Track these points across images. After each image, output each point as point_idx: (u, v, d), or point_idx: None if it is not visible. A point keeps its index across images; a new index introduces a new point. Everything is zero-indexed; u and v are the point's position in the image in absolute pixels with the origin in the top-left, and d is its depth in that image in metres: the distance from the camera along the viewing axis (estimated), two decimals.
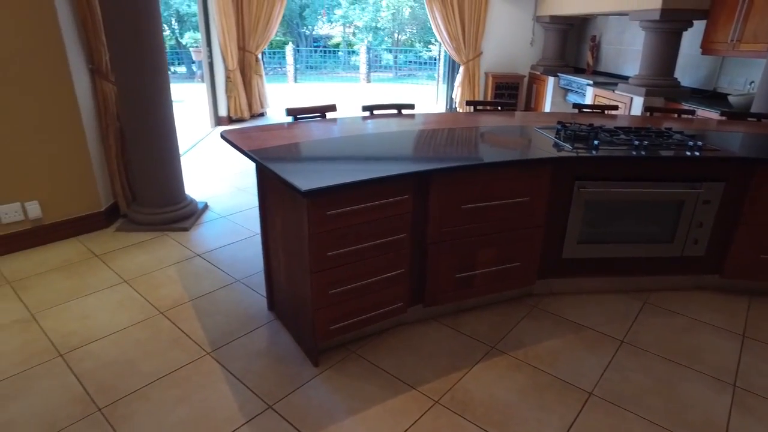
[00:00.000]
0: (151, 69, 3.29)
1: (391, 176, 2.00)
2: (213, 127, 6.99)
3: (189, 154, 5.60)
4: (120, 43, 3.20)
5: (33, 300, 2.71)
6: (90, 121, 3.40)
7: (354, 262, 2.08)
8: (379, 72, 17.93)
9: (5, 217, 3.12)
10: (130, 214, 3.63)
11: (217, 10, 6.50)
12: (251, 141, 2.43)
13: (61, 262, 3.12)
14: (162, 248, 3.30)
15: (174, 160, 3.58)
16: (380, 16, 21.05)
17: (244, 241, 3.41)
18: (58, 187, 3.31)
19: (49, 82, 3.12)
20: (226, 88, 7.00)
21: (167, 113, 3.46)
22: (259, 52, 7.35)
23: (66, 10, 3.15)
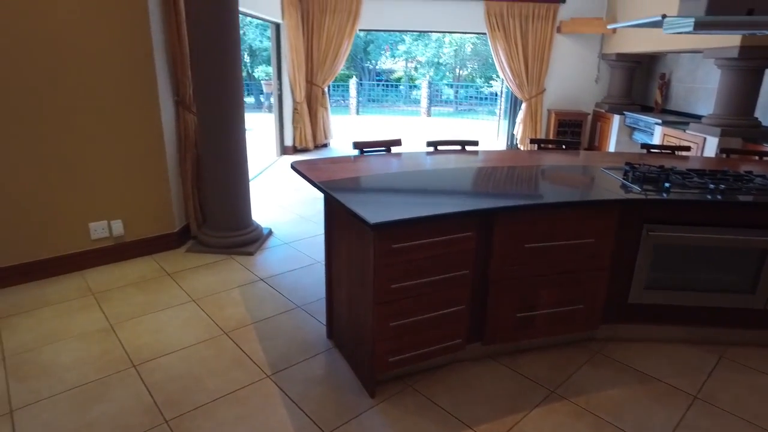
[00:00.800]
0: (229, 102, 3.53)
1: (457, 213, 2.03)
2: (278, 155, 7.31)
3: (255, 181, 5.87)
4: (203, 78, 3.46)
5: (112, 311, 2.91)
6: (171, 148, 3.67)
7: (416, 295, 2.10)
8: (440, 106, 18.17)
9: (94, 233, 3.40)
10: (200, 236, 3.84)
11: (289, 46, 6.88)
12: (320, 172, 2.54)
13: (137, 277, 3.34)
14: (228, 271, 3.46)
15: (243, 187, 3.78)
16: (443, 52, 21.46)
17: (305, 269, 3.52)
18: (139, 207, 3.57)
19: (141, 113, 3.42)
20: (293, 119, 7.33)
21: (240, 143, 3.68)
22: (325, 85, 7.67)
23: (160, 48, 3.47)
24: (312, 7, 7.34)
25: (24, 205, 3.13)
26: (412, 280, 2.06)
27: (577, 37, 7.53)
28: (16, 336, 2.66)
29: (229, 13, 3.43)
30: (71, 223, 3.32)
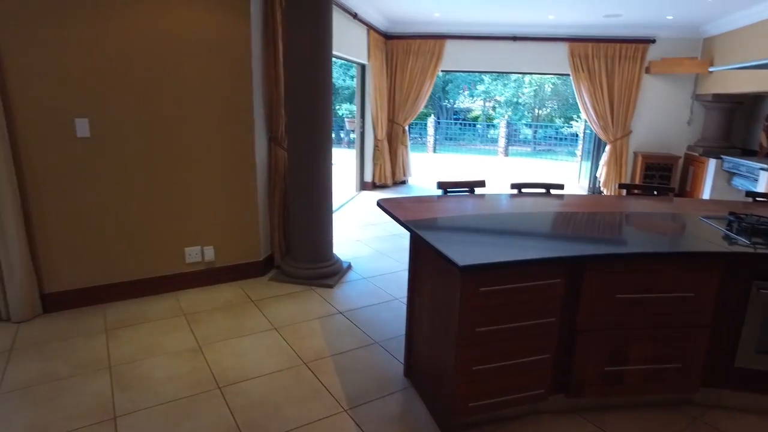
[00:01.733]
0: (318, 140, 3.72)
1: (545, 259, 1.99)
2: (358, 191, 7.52)
3: (335, 215, 6.06)
4: (296, 116, 3.69)
5: (201, 333, 3.08)
6: (262, 181, 3.91)
7: (500, 340, 2.06)
8: (517, 146, 17.96)
9: (189, 257, 3.65)
10: (283, 266, 4.00)
11: (374, 86, 7.16)
12: (406, 211, 2.59)
13: (224, 302, 3.53)
14: (308, 302, 3.56)
15: (327, 221, 3.92)
16: (522, 92, 21.35)
17: (384, 304, 3.55)
18: (229, 235, 3.80)
19: (238, 148, 3.69)
20: (374, 156, 7.55)
21: (326, 179, 3.85)
22: (406, 124, 7.87)
23: (259, 89, 3.76)
24: (396, 49, 7.63)
25: (132, 228, 3.45)
26: (497, 325, 2.02)
27: (667, 77, 7.23)
28: (120, 347, 2.89)
29: (324, 57, 3.66)
30: (170, 246, 3.60)
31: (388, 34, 7.58)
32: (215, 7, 3.42)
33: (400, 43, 7.63)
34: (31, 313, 3.22)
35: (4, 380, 2.57)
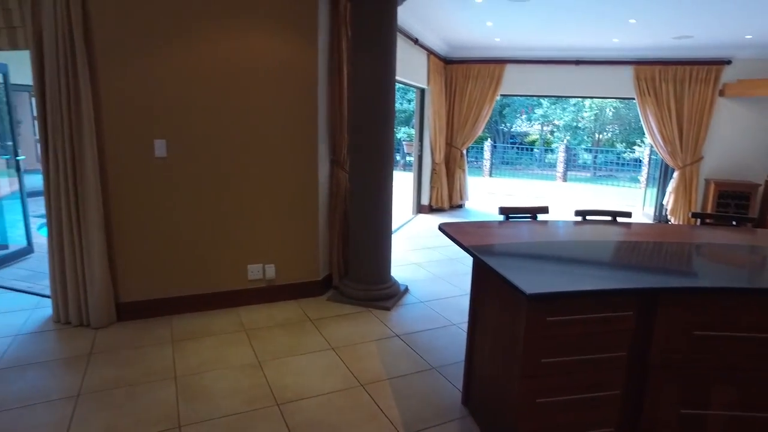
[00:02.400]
0: (380, 163, 3.78)
1: (616, 290, 1.90)
2: (414, 214, 7.54)
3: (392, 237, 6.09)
4: (359, 140, 3.77)
5: (261, 349, 3.16)
6: (323, 202, 4.00)
7: (566, 373, 1.98)
8: (576, 171, 17.46)
9: (251, 274, 3.77)
10: (341, 286, 4.05)
11: (433, 110, 7.22)
12: (469, 236, 2.57)
13: (283, 320, 3.60)
14: (366, 323, 3.58)
15: (386, 243, 3.95)
16: (582, 116, 20.83)
17: (441, 329, 3.51)
18: (290, 254, 3.89)
19: (302, 170, 3.81)
20: (431, 179, 7.56)
21: (387, 202, 3.89)
22: (464, 148, 7.86)
23: (323, 114, 3.88)
24: (456, 74, 7.68)
25: (200, 244, 3.61)
26: (563, 356, 1.95)
27: (744, 100, 6.84)
28: (185, 359, 3.00)
29: (388, 82, 3.74)
30: (234, 263, 3.73)
31: (448, 59, 7.65)
32: (286, 35, 3.59)
33: (460, 67, 7.67)
34: (107, 321, 3.42)
35: (84, 382, 2.73)
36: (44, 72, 3.17)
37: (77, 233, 3.29)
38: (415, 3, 4.20)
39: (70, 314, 3.41)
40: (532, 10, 5.08)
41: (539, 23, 5.70)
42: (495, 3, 4.92)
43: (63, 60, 3.09)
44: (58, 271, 3.39)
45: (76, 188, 3.24)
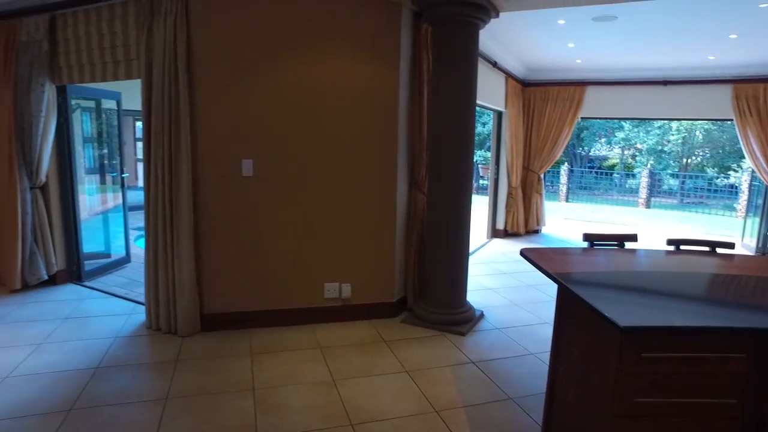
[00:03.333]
0: (458, 186, 3.75)
1: (725, 328, 1.74)
2: (489, 238, 7.39)
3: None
4: (437, 163, 3.77)
5: (335, 367, 3.19)
6: (401, 224, 4.03)
7: (664, 416, 1.82)
8: (661, 197, 16.41)
9: (327, 293, 3.85)
10: (415, 308, 4.02)
11: (510, 133, 7.10)
12: (552, 263, 2.47)
13: (357, 339, 3.62)
14: (440, 347, 3.52)
15: (462, 267, 3.89)
16: (667, 139, 19.64)
17: (518, 359, 3.38)
18: (366, 275, 3.93)
19: (380, 192, 3.87)
20: (507, 203, 7.41)
21: (465, 226, 3.85)
22: (542, 172, 7.64)
23: (403, 136, 3.93)
24: (534, 96, 7.53)
25: (280, 261, 3.74)
26: (661, 397, 1.80)
27: None
28: (263, 372, 3.09)
29: (468, 105, 3.74)
30: (311, 281, 3.82)
31: (526, 81, 7.53)
32: (369, 59, 3.69)
33: (538, 90, 7.52)
34: (193, 330, 3.61)
35: (171, 387, 2.89)
36: (151, 99, 3.47)
37: (170, 246, 3.53)
38: (494, 26, 4.19)
39: (161, 322, 3.64)
40: (618, 29, 4.91)
41: (625, 43, 5.49)
42: (578, 24, 4.81)
43: (167, 88, 3.37)
44: (152, 280, 3.64)
45: (171, 204, 3.48)
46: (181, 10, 3.32)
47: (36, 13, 4.09)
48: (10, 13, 4.21)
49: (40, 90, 4.18)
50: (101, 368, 3.10)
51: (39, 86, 4.18)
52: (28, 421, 2.55)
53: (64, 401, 2.73)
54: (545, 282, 5.16)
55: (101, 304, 4.20)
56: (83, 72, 4.10)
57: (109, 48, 3.87)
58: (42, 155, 4.36)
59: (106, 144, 5.61)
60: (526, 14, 4.34)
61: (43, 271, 4.53)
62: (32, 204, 4.43)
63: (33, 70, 4.16)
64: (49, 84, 4.24)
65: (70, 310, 4.03)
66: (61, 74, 4.25)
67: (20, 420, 2.56)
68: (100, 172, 5.59)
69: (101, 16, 3.85)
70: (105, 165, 5.59)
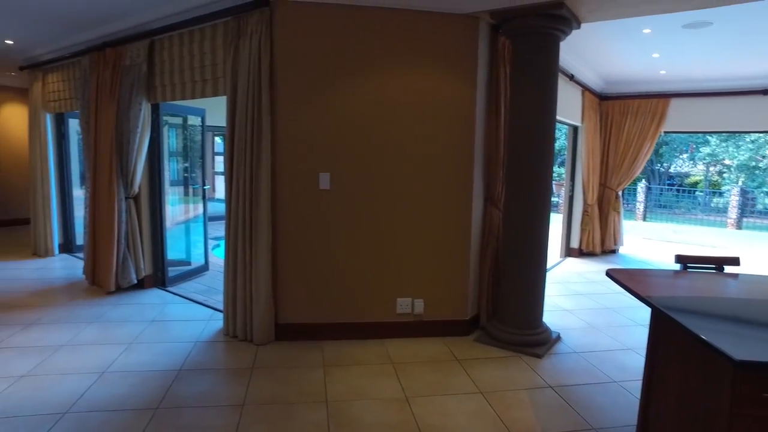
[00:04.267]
0: (537, 203, 3.63)
1: None
2: (562, 257, 7.10)
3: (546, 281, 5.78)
4: (515, 179, 3.67)
5: (408, 384, 3.14)
6: (475, 240, 3.94)
7: None
8: (754, 217, 15.10)
9: (399, 308, 3.82)
10: (488, 327, 3.91)
11: (586, 149, 6.82)
12: (643, 285, 2.31)
13: (429, 356, 3.56)
14: (515, 369, 3.38)
15: (539, 286, 3.74)
16: (762, 155, 18.10)
17: (600, 386, 3.18)
18: (439, 291, 3.87)
19: (456, 207, 3.81)
20: (582, 222, 7.09)
21: (542, 244, 3.71)
22: (620, 189, 7.27)
23: (479, 151, 3.87)
24: (612, 110, 7.21)
25: (353, 274, 3.77)
26: None
27: None
28: (335, 385, 3.11)
29: (547, 120, 3.62)
30: (384, 295, 3.82)
31: (603, 95, 7.22)
32: (446, 73, 3.68)
33: (616, 103, 7.19)
34: (268, 339, 3.70)
35: (247, 393, 2.96)
36: (235, 113, 3.63)
37: (249, 257, 3.65)
38: (573, 37, 4.03)
39: (237, 329, 3.76)
40: (713, 36, 4.59)
41: (720, 50, 5.12)
42: (666, 32, 4.55)
43: (250, 103, 3.52)
44: (230, 289, 3.78)
45: (251, 215, 3.61)
46: (265, 30, 3.47)
47: (138, 40, 4.45)
48: (119, 40, 4.62)
49: (137, 108, 4.52)
50: (183, 371, 3.24)
51: (137, 105, 4.51)
52: (122, 415, 2.71)
53: (152, 399, 2.87)
54: (626, 305, 4.86)
55: (183, 309, 4.42)
56: (175, 90, 4.38)
57: (199, 68, 4.11)
58: (136, 168, 4.68)
59: (189, 158, 5.96)
60: (607, 24, 4.17)
61: (133, 276, 4.85)
62: (126, 213, 4.76)
63: (133, 90, 4.50)
64: (145, 102, 4.57)
65: (156, 314, 4.27)
66: (156, 93, 4.57)
67: (116, 413, 2.73)
68: (184, 184, 5.94)
69: (193, 39, 4.11)
70: (187, 177, 5.93)
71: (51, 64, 5.90)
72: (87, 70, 5.00)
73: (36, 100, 6.23)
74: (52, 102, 6.11)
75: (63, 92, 5.87)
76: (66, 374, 3.15)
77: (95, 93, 4.85)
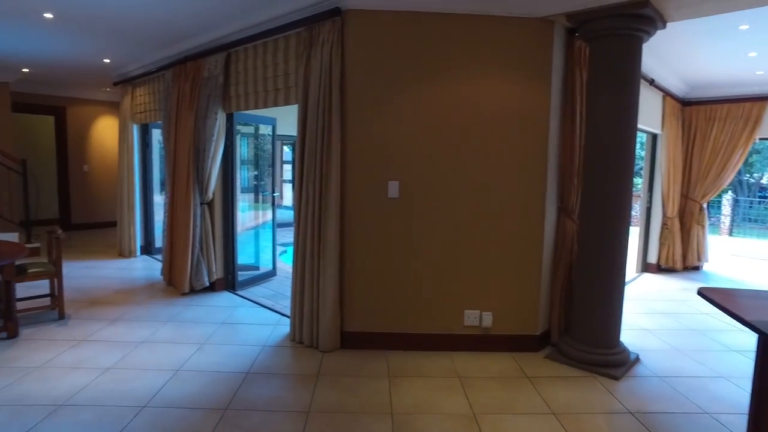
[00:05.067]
0: (615, 214, 3.42)
1: None
2: (638, 272, 6.68)
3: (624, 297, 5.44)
4: (592, 188, 3.47)
5: (475, 400, 3.03)
6: (547, 253, 3.77)
7: None
8: None
9: (467, 320, 3.72)
10: (560, 344, 3.71)
11: (666, 158, 6.40)
12: (745, 308, 2.09)
13: (497, 372, 3.42)
14: (590, 390, 3.18)
15: (617, 303, 3.51)
16: None
17: (688, 417, 2.90)
18: (508, 304, 3.73)
19: (527, 217, 3.67)
20: (661, 235, 6.64)
21: (621, 258, 3.48)
22: (705, 201, 6.75)
23: (553, 159, 3.70)
24: (696, 116, 6.73)
25: (419, 284, 3.70)
26: None
27: None
28: (400, 397, 3.05)
29: (628, 127, 3.41)
30: (450, 307, 3.72)
31: (686, 100, 6.75)
32: (519, 78, 3.56)
33: (701, 108, 6.69)
34: (333, 346, 3.70)
35: (313, 401, 2.97)
36: (306, 121, 3.70)
37: (317, 262, 3.68)
38: (654, 39, 3.76)
39: (304, 335, 3.79)
40: None
41: None
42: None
43: (321, 112, 3.57)
44: (298, 295, 3.82)
45: (320, 223, 3.65)
46: (337, 39, 3.51)
47: (216, 52, 4.66)
48: (199, 54, 4.88)
49: (213, 118, 4.72)
50: (251, 374, 3.30)
51: (213, 114, 4.72)
52: (194, 414, 2.80)
53: (222, 400, 2.94)
54: (714, 327, 4.47)
55: (251, 313, 4.54)
56: (248, 100, 4.55)
57: (272, 77, 4.24)
58: (211, 175, 4.89)
59: (259, 166, 6.16)
60: (695, 23, 3.88)
61: (206, 279, 5.05)
62: (201, 218, 4.98)
63: (210, 100, 4.72)
64: (221, 112, 4.77)
65: (226, 316, 4.41)
66: (231, 103, 4.76)
67: (189, 411, 2.82)
68: (254, 191, 6.14)
69: (266, 50, 4.25)
70: (258, 185, 6.13)
71: (139, 78, 6.32)
72: (170, 82, 5.31)
73: (125, 112, 6.70)
74: (138, 113, 6.55)
75: (148, 104, 6.28)
76: (145, 370, 3.31)
77: (176, 104, 5.13)
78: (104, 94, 8.79)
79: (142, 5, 4.10)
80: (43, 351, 3.57)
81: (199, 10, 4.15)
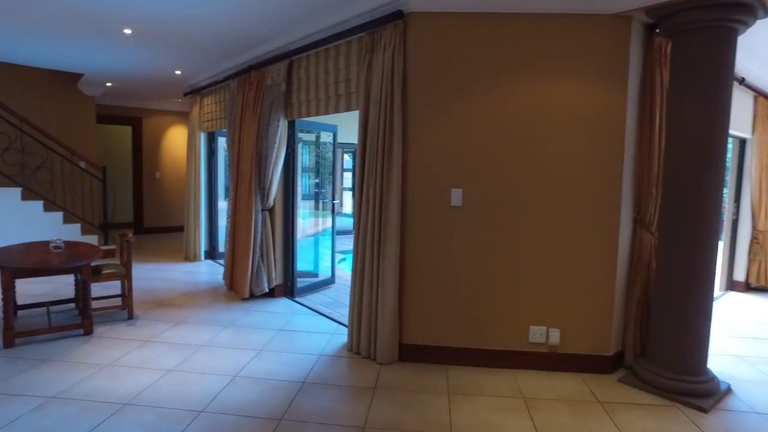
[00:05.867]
0: (701, 228, 3.09)
1: None
2: (723, 290, 6.10)
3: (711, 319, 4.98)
4: (674, 198, 3.17)
5: (541, 424, 2.81)
6: (622, 267, 3.48)
7: None
8: None
9: (532, 337, 3.49)
10: (635, 367, 3.40)
11: (757, 165, 5.82)
12: None
13: (566, 394, 3.18)
14: (673, 422, 2.86)
15: (702, 324, 3.16)
16: None
17: None
18: (578, 322, 3.47)
19: (599, 231, 3.40)
20: (750, 250, 6.03)
21: (709, 275, 3.14)
22: None
23: (629, 166, 3.43)
24: None
25: (482, 297, 3.52)
26: None
27: None
28: (460, 416, 2.88)
29: (717, 131, 3.09)
30: (515, 322, 3.51)
31: None
32: (591, 80, 3.33)
33: None
34: (391, 358, 3.59)
35: (369, 415, 2.87)
36: (367, 126, 3.64)
37: (376, 273, 3.59)
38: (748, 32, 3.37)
39: (361, 346, 3.71)
40: None
41: None
42: None
43: (382, 117, 3.49)
44: (356, 305, 3.75)
45: (380, 231, 3.56)
46: (399, 42, 3.43)
47: (279, 60, 4.73)
48: (262, 63, 4.98)
49: (276, 124, 4.78)
50: (307, 383, 3.25)
51: (275, 121, 4.78)
52: (249, 422, 2.77)
53: (277, 410, 2.90)
54: None
55: (308, 321, 4.51)
56: (310, 107, 4.56)
57: (333, 84, 4.23)
58: (273, 182, 4.95)
59: (320, 173, 6.19)
60: None
61: (266, 285, 5.09)
62: (262, 224, 5.04)
63: (272, 107, 4.78)
64: (283, 119, 4.82)
65: (284, 323, 4.41)
66: (292, 110, 4.80)
67: (244, 419, 2.80)
68: (315, 199, 6.17)
69: (328, 56, 4.24)
70: (318, 192, 6.15)
71: (206, 88, 6.56)
72: (234, 91, 5.45)
73: (194, 121, 6.97)
74: (205, 122, 6.79)
75: (214, 113, 6.49)
76: (204, 374, 3.34)
77: (240, 112, 5.24)
78: (175, 105, 9.24)
79: (211, 18, 4.23)
80: (113, 349, 3.70)
81: (268, 17, 4.21)
